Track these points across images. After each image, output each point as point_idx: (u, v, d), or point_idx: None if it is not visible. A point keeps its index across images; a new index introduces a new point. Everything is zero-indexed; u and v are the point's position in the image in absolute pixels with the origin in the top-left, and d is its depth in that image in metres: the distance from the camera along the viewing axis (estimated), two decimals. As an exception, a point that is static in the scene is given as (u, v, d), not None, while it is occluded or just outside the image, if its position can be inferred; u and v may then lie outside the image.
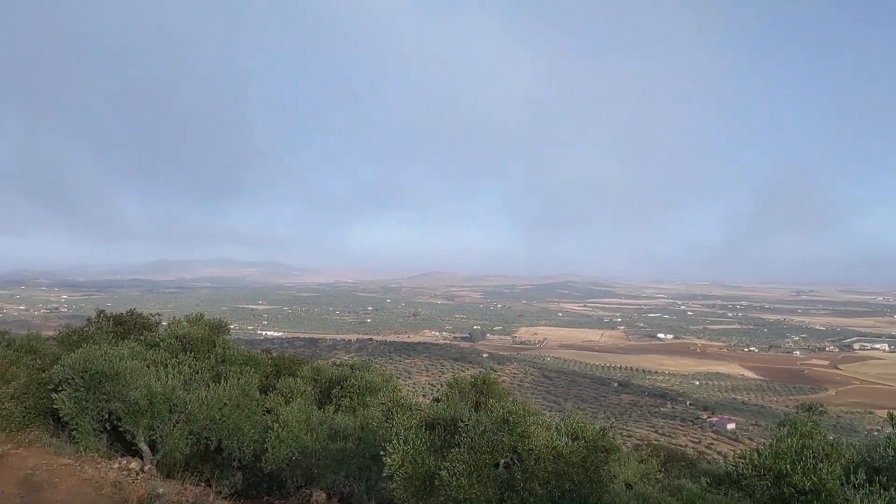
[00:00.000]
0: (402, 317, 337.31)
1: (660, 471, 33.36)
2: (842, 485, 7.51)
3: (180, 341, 16.24)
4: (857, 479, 6.88)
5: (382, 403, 12.06)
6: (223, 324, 18.12)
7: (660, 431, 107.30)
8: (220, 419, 12.91)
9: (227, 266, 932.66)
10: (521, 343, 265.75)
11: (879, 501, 5.53)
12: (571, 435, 11.13)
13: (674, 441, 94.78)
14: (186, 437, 12.62)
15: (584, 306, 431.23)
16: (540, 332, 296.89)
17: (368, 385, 17.13)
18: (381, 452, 10.22)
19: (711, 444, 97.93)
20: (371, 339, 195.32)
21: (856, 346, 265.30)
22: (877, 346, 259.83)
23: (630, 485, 17.02)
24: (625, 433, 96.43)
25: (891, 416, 7.52)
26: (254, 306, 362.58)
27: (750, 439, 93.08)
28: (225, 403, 13.05)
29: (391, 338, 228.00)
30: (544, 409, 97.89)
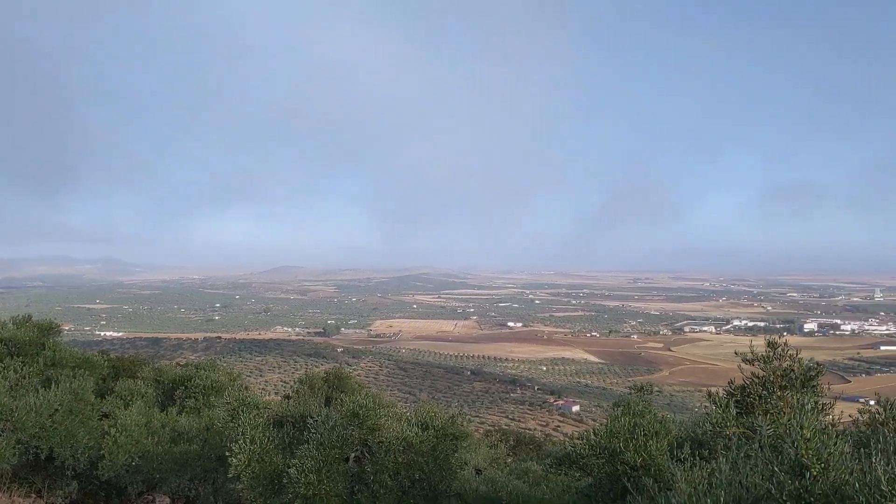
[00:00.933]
0: (253, 313, 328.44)
1: (509, 455, 34.42)
2: (669, 459, 8.00)
3: (5, 345, 15.10)
4: (682, 454, 7.36)
5: (228, 403, 11.73)
6: (54, 325, 17.00)
7: (510, 416, 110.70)
8: (51, 426, 12.09)
9: (62, 264, 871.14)
10: (377, 336, 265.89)
11: (698, 472, 5.95)
12: (422, 425, 11.28)
13: (523, 425, 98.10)
14: (14, 447, 11.72)
15: (439, 298, 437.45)
16: (395, 325, 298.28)
17: (214, 385, 16.61)
18: (227, 453, 9.95)
19: (558, 426, 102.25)
20: (219, 338, 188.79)
21: (686, 328, 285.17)
22: (704, 328, 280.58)
23: (480, 470, 17.47)
24: (477, 420, 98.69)
25: (709, 394, 8.15)
26: (91, 306, 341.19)
27: (593, 420, 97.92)
28: (56, 409, 12.24)
29: (241, 335, 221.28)
30: (399, 401, 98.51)
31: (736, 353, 8.09)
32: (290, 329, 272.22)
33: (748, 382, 7.79)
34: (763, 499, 5.18)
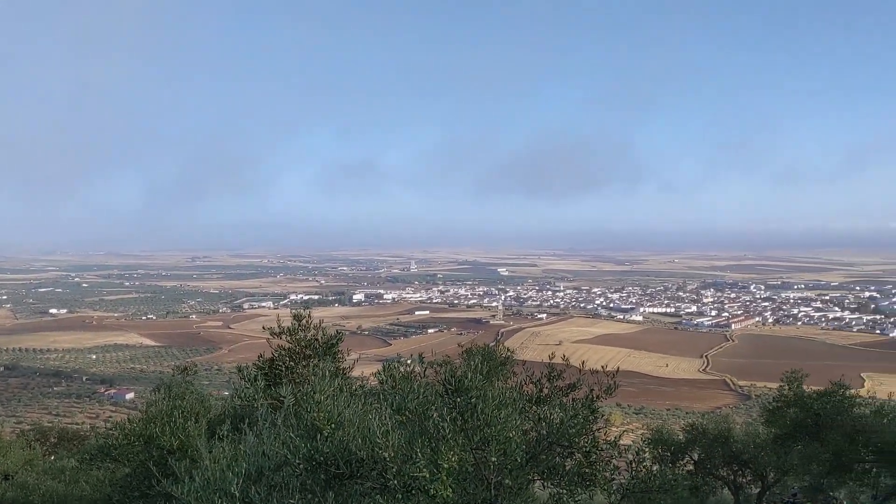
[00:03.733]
0: None
1: (50, 454, 31.34)
2: (207, 439, 8.06)
3: None
4: (221, 431, 7.49)
5: None
6: None
7: (54, 412, 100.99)
8: None
9: None
10: None
11: (228, 448, 6.13)
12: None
13: (69, 420, 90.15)
14: None
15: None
16: None
17: None
18: None
19: (111, 416, 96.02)
20: None
21: (246, 305, 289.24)
22: (263, 304, 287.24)
23: (9, 475, 15.62)
24: (13, 420, 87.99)
25: (239, 369, 8.40)
26: None
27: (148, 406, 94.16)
28: None
29: None
30: None
31: (264, 327, 8.47)
32: None
33: (277, 355, 8.26)
34: (283, 464, 5.57)
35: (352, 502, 5.37)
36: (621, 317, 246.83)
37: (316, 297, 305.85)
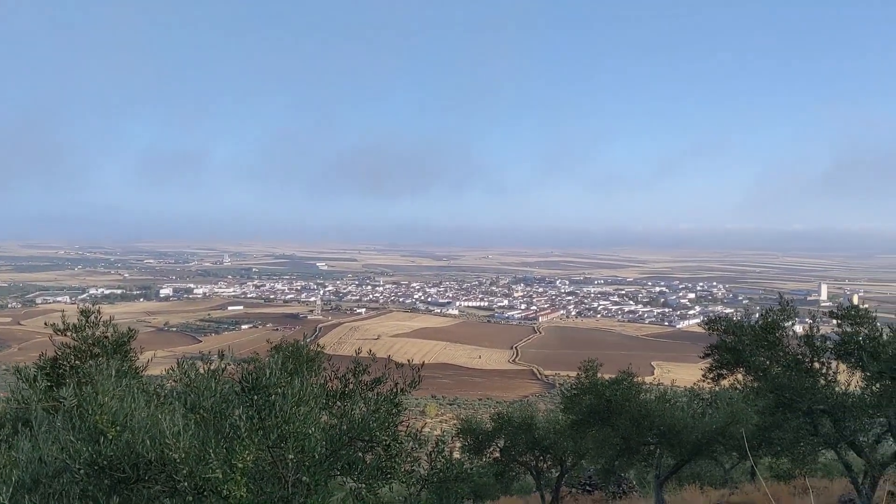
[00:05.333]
0: None
1: None
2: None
3: None
4: (2, 435, 6.86)
5: None
6: None
7: None
8: None
9: None
10: None
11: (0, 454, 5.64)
12: None
13: None
14: None
15: None
16: None
17: None
18: None
19: None
20: None
21: (38, 300, 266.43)
22: (59, 298, 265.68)
23: None
24: None
25: (18, 370, 7.77)
26: None
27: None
28: None
29: None
30: None
31: (46, 323, 7.87)
32: None
33: (61, 353, 7.67)
34: (63, 471, 5.18)
35: (140, 507, 5.13)
36: (439, 311, 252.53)
37: (119, 291, 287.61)
